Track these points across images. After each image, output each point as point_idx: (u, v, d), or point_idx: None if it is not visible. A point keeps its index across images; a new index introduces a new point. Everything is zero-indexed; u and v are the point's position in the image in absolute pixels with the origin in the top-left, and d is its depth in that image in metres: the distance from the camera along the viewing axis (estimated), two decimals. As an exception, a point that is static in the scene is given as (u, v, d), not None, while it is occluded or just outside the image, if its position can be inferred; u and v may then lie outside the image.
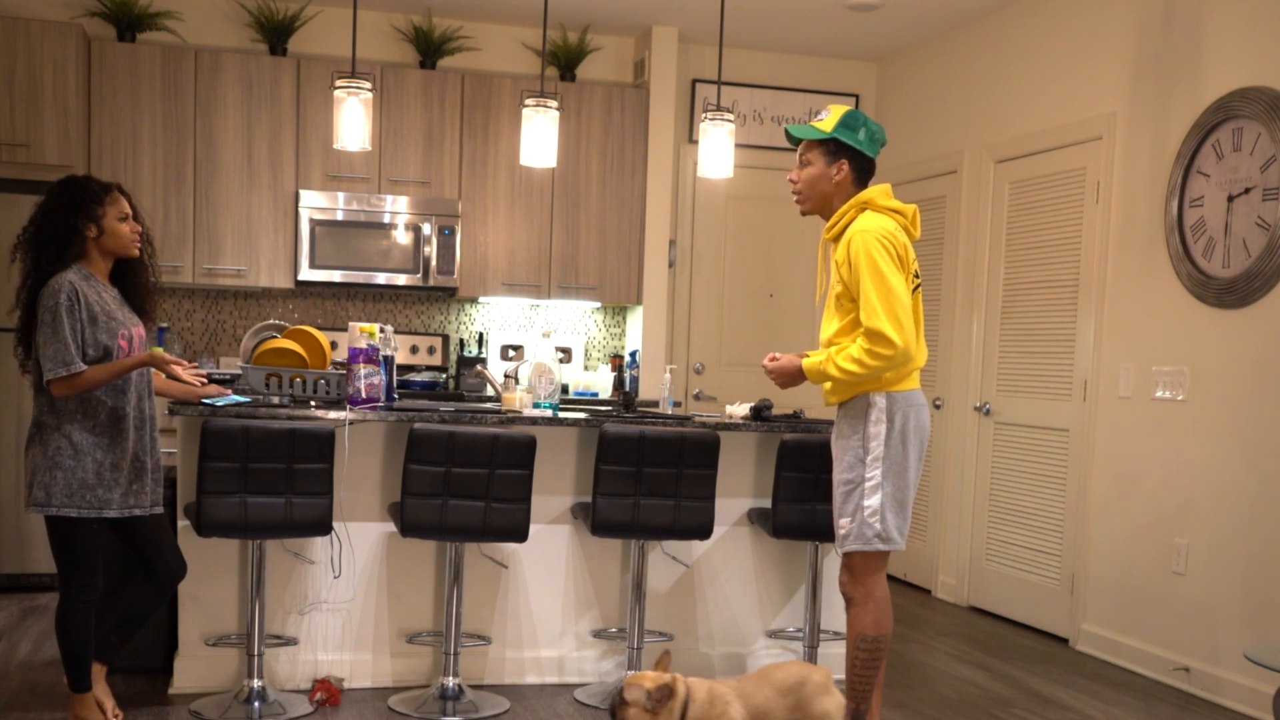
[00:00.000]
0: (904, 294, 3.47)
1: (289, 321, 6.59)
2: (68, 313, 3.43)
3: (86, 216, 3.53)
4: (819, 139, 3.66)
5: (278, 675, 4.29)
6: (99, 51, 6.01)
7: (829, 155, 3.65)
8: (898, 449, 3.56)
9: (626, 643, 4.44)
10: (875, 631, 3.60)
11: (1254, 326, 4.56)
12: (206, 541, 4.17)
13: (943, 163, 6.60)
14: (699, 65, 7.03)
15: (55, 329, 3.42)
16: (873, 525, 3.56)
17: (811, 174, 3.69)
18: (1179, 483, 4.88)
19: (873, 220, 3.54)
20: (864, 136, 3.63)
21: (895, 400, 3.56)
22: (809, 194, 3.71)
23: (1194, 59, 4.88)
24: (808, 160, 3.70)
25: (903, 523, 3.60)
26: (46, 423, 3.51)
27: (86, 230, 3.54)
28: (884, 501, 3.55)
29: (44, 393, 3.51)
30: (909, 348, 3.45)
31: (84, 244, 3.55)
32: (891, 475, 3.56)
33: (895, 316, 3.43)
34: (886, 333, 3.42)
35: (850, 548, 3.61)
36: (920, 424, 3.60)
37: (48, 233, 3.51)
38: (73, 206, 3.52)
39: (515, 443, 3.99)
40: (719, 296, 7.20)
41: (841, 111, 3.66)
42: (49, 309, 3.44)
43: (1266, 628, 4.44)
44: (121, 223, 3.60)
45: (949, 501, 6.42)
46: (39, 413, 3.53)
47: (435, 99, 6.44)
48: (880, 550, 3.59)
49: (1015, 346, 5.98)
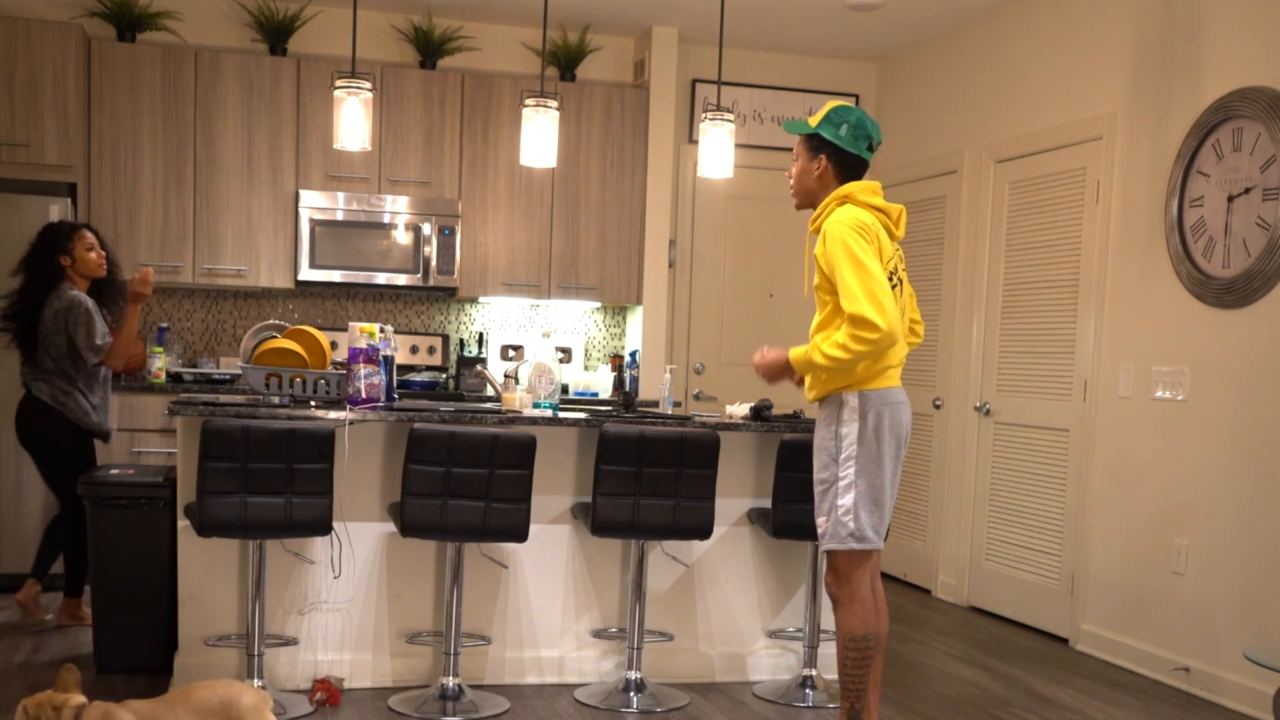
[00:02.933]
0: (882, 278, 3.44)
1: (289, 321, 6.59)
2: (95, 310, 4.79)
3: (61, 251, 4.83)
4: (804, 134, 3.71)
5: (278, 675, 4.29)
6: (99, 51, 6.01)
7: (811, 150, 3.70)
8: (871, 447, 3.54)
9: (626, 643, 4.45)
10: (864, 630, 3.59)
11: (1254, 326, 4.56)
12: (206, 541, 4.17)
13: (943, 163, 6.60)
14: (699, 65, 7.04)
15: (91, 322, 4.75)
16: (846, 524, 3.55)
17: (797, 169, 3.75)
18: (1179, 483, 4.88)
19: (850, 213, 3.55)
20: (845, 132, 3.63)
21: (868, 398, 3.54)
22: (797, 188, 3.76)
23: (1194, 59, 4.88)
24: (797, 155, 3.76)
25: (879, 521, 3.57)
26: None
27: (63, 260, 4.82)
28: (858, 500, 3.54)
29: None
30: (894, 330, 3.40)
31: (63, 271, 4.83)
32: (865, 474, 3.54)
33: (876, 300, 3.39)
34: (869, 316, 3.39)
35: (827, 546, 3.61)
36: (896, 422, 3.57)
37: (36, 264, 4.83)
38: (51, 245, 4.82)
39: (515, 443, 3.99)
40: (719, 296, 7.20)
41: (831, 106, 3.68)
42: (79, 313, 4.73)
43: (1266, 628, 4.44)
44: (89, 252, 4.86)
45: (949, 501, 6.42)
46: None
47: (435, 99, 6.44)
48: (859, 549, 3.58)
49: (1015, 346, 5.98)
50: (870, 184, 3.65)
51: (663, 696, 4.37)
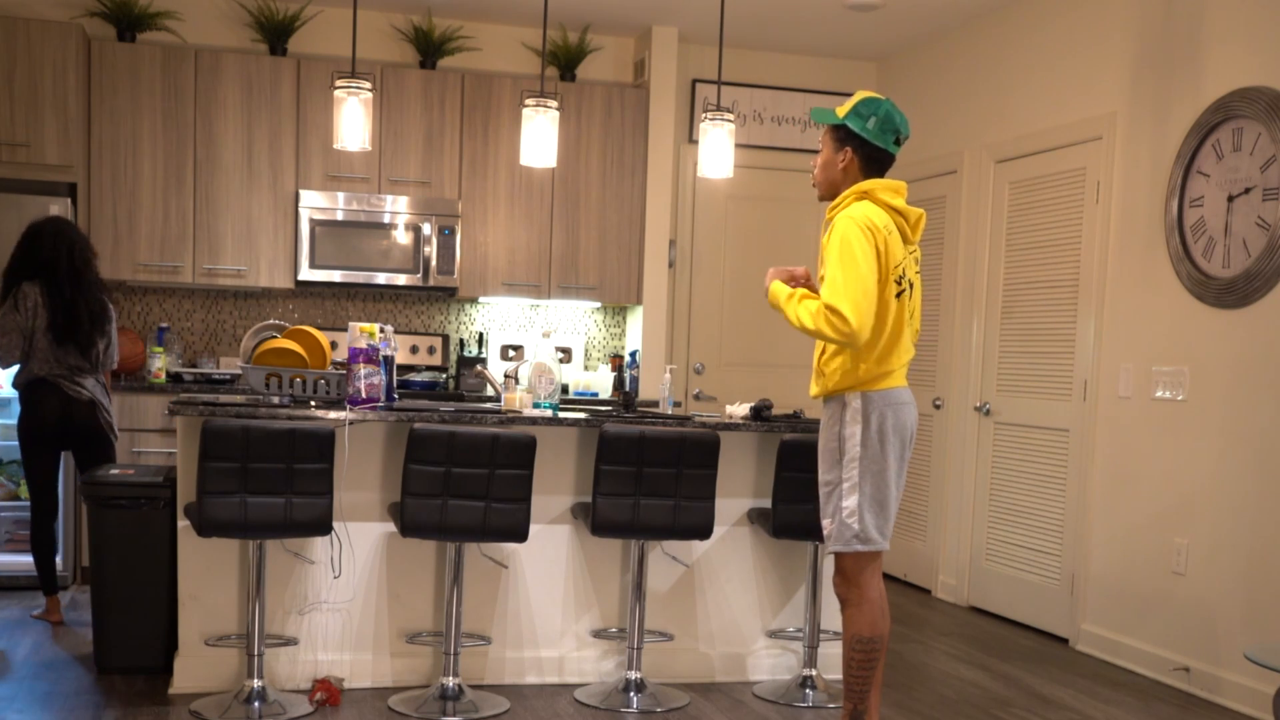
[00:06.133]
0: (872, 280, 3.41)
1: (289, 321, 6.59)
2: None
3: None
4: (831, 124, 3.63)
5: (278, 675, 4.29)
6: (99, 51, 6.01)
7: (837, 141, 3.62)
8: (875, 449, 3.52)
9: (626, 643, 4.45)
10: (870, 632, 3.59)
11: (1254, 326, 4.56)
12: (206, 541, 4.17)
13: (943, 163, 6.60)
14: (699, 65, 7.04)
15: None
16: (851, 526, 3.54)
17: (822, 159, 3.67)
18: (1179, 483, 4.88)
19: (863, 210, 3.50)
20: (873, 125, 3.55)
21: (871, 400, 3.52)
22: (821, 179, 3.68)
23: (1194, 59, 4.89)
24: (822, 144, 3.68)
25: (883, 523, 3.55)
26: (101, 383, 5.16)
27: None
28: (862, 502, 3.52)
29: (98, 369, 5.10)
30: (860, 332, 3.38)
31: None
32: (869, 476, 3.52)
33: (856, 299, 3.38)
34: (843, 310, 3.37)
35: (832, 549, 3.61)
36: (900, 423, 3.55)
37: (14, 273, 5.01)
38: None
39: (515, 443, 3.99)
40: (719, 296, 7.20)
41: (860, 97, 3.60)
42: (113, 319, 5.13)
43: (1266, 628, 4.44)
44: None
45: (949, 501, 6.42)
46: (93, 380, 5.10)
47: (435, 99, 6.44)
48: (865, 551, 3.57)
49: (1015, 346, 5.98)
50: (894, 183, 3.58)
51: (663, 696, 4.37)
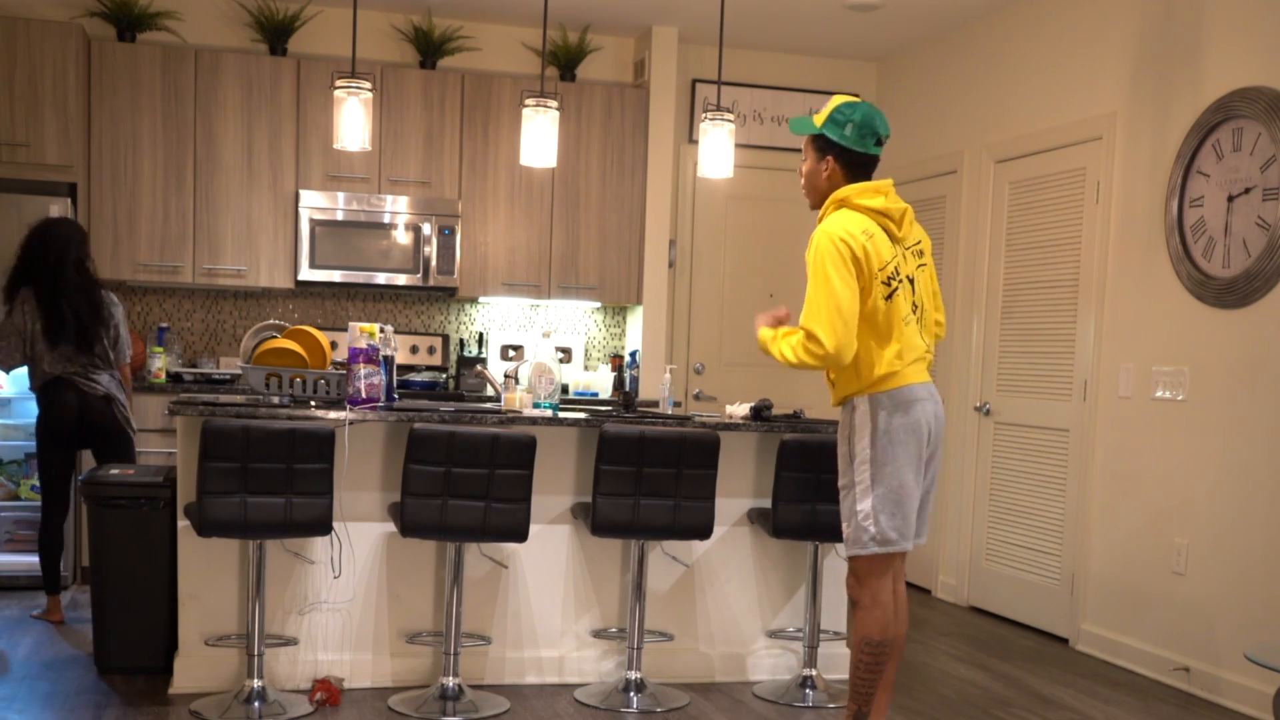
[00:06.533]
0: (847, 298, 3.40)
1: (289, 321, 6.59)
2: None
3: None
4: (812, 134, 3.63)
5: (278, 675, 4.29)
6: (99, 51, 6.01)
7: (819, 151, 3.61)
8: (885, 450, 3.50)
9: (626, 643, 4.45)
10: (880, 636, 3.57)
11: (1254, 326, 4.56)
12: (206, 541, 4.17)
13: (943, 163, 6.60)
14: (699, 65, 7.03)
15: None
16: (866, 529, 3.53)
17: (806, 169, 3.67)
18: (1179, 483, 4.88)
19: (839, 221, 3.48)
20: (851, 132, 3.53)
21: (878, 401, 3.51)
22: (808, 189, 3.68)
23: (1194, 59, 4.88)
24: (805, 155, 3.68)
25: (902, 524, 3.53)
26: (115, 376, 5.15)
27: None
28: (875, 504, 3.50)
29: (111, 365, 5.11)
30: (839, 353, 3.40)
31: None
32: (882, 478, 3.50)
33: (830, 320, 3.39)
34: (818, 334, 3.39)
35: (850, 552, 3.60)
36: (912, 421, 3.51)
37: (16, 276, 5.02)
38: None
39: (515, 443, 3.99)
40: (719, 296, 7.20)
41: (835, 104, 3.58)
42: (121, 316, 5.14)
43: (1266, 628, 4.44)
44: None
45: (949, 501, 6.42)
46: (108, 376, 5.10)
47: (435, 99, 6.44)
48: (880, 554, 3.56)
49: (1015, 346, 5.98)
50: (874, 184, 3.55)
51: (663, 696, 4.37)
